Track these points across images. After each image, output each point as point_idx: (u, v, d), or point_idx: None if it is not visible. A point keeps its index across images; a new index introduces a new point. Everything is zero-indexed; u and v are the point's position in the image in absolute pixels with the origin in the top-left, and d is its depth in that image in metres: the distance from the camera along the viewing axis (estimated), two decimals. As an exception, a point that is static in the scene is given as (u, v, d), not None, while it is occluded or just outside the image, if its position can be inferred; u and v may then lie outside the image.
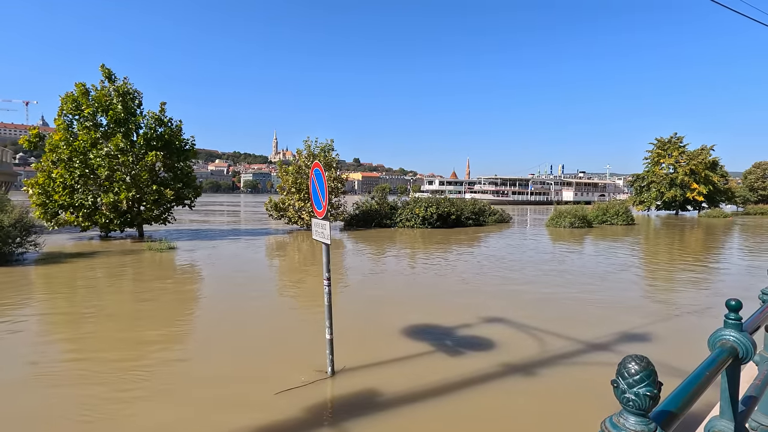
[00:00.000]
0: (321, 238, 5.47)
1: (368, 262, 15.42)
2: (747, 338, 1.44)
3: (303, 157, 26.71)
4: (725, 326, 1.51)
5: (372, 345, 6.81)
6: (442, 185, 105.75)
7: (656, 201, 51.14)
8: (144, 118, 20.53)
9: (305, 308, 9.23)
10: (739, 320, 1.49)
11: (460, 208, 30.26)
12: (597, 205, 35.33)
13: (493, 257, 16.22)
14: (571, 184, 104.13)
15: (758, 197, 61.76)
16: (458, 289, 10.86)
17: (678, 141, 50.90)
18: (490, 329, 7.56)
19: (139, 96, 20.78)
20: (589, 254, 17.67)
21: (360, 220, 28.99)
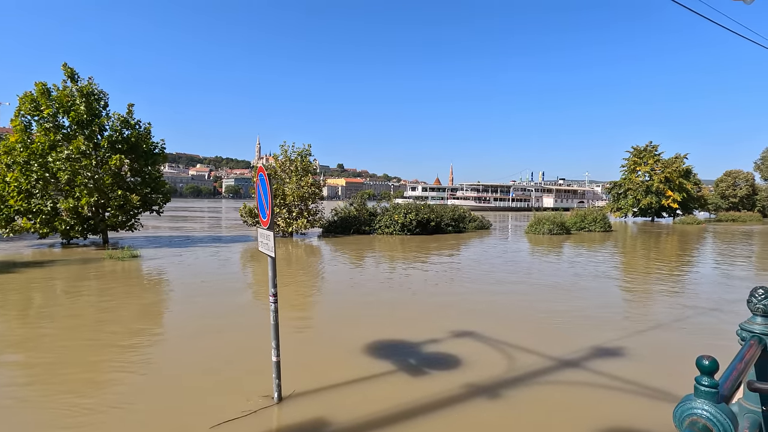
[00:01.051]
0: (266, 250, 4.98)
1: (341, 272, 14.91)
2: (725, 414, 1.03)
3: (279, 162, 26.11)
4: (696, 394, 1.09)
5: (330, 365, 6.31)
6: (425, 191, 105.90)
7: (633, 208, 52.02)
8: (109, 119, 19.63)
9: (267, 325, 8.66)
10: (715, 387, 1.08)
11: (439, 215, 29.98)
12: (575, 212, 35.58)
13: (470, 266, 15.90)
14: (552, 190, 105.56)
15: (729, 204, 63.50)
16: (430, 301, 10.44)
17: (653, 149, 52.00)
18: (458, 344, 7.15)
19: (105, 97, 19.90)
20: (566, 262, 17.53)
21: (338, 226, 28.44)
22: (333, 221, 28.72)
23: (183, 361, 6.44)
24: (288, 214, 25.06)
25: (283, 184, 25.50)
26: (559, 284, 12.58)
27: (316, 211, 27.00)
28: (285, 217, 24.92)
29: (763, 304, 1.69)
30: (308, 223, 25.30)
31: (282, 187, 25.24)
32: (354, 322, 8.59)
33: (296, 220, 24.84)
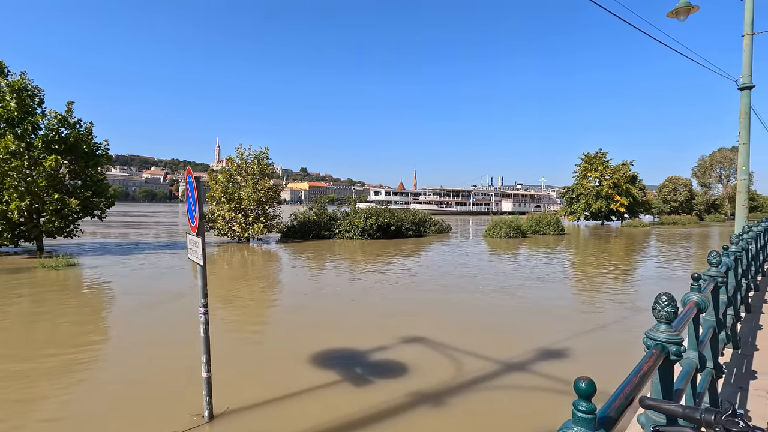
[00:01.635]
0: (194, 257, 4.65)
1: (297, 278, 14.52)
2: None
3: (234, 165, 25.28)
4: (573, 421, 0.98)
5: (271, 377, 6.01)
6: (388, 195, 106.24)
7: (585, 212, 54.49)
8: (45, 117, 18.23)
9: (208, 333, 8.19)
10: (592, 413, 0.96)
11: (400, 219, 30.05)
12: (531, 216, 36.74)
13: (426, 271, 15.94)
14: (510, 195, 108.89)
15: (670, 208, 67.96)
16: (382, 306, 10.31)
17: (602, 156, 54.80)
18: (406, 351, 7.03)
19: (40, 93, 18.48)
20: (518, 265, 17.96)
21: (297, 231, 27.83)
22: (292, 226, 28.09)
23: (112, 378, 5.93)
24: (244, 219, 24.27)
25: (239, 188, 24.70)
26: (509, 287, 12.81)
27: (274, 216, 26.34)
28: (241, 222, 24.12)
29: (666, 311, 1.64)
30: (265, 228, 24.59)
31: (238, 191, 24.44)
32: (305, 330, 8.30)
33: (252, 225, 24.09)
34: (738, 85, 11.85)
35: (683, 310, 2.14)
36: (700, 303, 2.27)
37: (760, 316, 5.46)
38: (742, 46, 11.80)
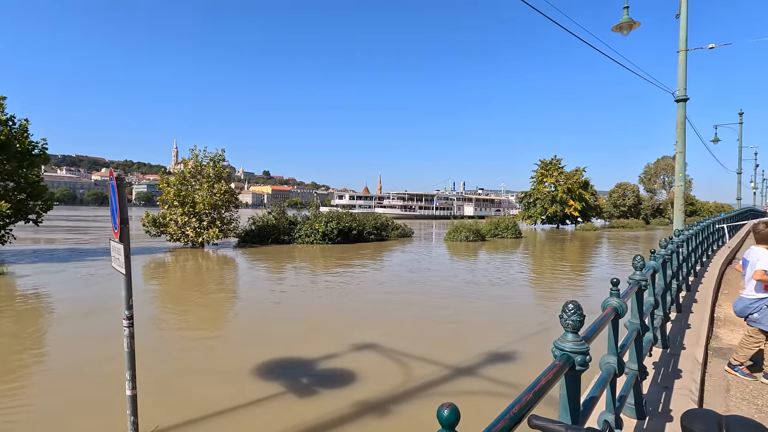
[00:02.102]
0: (117, 266, 4.30)
1: (251, 284, 14.04)
2: None
3: (189, 167, 24.26)
4: None
5: (210, 391, 5.68)
6: (352, 200, 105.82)
7: (541, 216, 56.50)
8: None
9: (151, 352, 7.70)
10: None
11: (362, 223, 29.88)
12: (490, 220, 37.63)
13: (384, 275, 15.88)
14: (472, 199, 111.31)
15: (620, 212, 71.81)
16: (335, 313, 10.11)
17: (557, 162, 57.11)
18: (356, 358, 6.89)
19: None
20: (476, 268, 18.26)
21: (256, 236, 27.03)
22: (250, 230, 27.27)
23: (40, 395, 5.40)
24: (198, 224, 23.29)
25: (193, 192, 23.70)
26: (464, 291, 12.96)
27: (231, 220, 25.47)
28: (195, 227, 23.12)
29: (572, 319, 1.61)
30: (221, 233, 23.71)
31: (192, 194, 23.44)
32: (254, 340, 7.98)
33: (207, 230, 23.16)
34: (675, 98, 12.63)
35: (599, 316, 2.14)
36: (618, 308, 2.28)
37: (689, 316, 5.74)
38: (678, 61, 12.59)
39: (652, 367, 3.92)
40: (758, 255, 4.11)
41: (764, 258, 4.04)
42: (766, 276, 3.97)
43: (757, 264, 4.05)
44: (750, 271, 4.17)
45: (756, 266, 4.05)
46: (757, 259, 4.08)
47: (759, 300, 4.09)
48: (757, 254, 4.13)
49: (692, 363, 4.10)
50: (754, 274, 4.06)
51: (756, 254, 4.15)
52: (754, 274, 4.06)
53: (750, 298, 4.15)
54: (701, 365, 4.27)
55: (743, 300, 4.22)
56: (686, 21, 12.30)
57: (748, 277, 4.22)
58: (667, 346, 4.43)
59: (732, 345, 5.45)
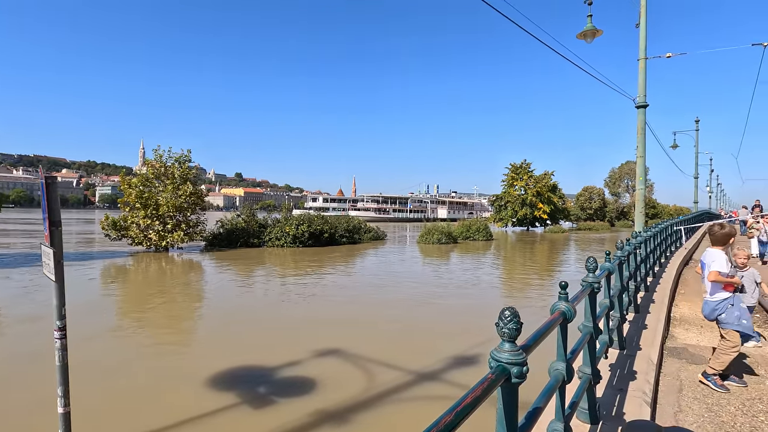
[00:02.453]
0: (48, 272, 3.95)
1: (215, 290, 13.56)
2: None
3: (152, 168, 23.34)
4: None
5: (161, 403, 5.36)
6: (326, 202, 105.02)
7: (512, 218, 57.68)
8: None
9: (99, 363, 7.23)
10: None
11: (333, 226, 29.56)
12: (461, 223, 38.05)
13: (352, 278, 15.70)
14: (445, 202, 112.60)
15: (587, 215, 74.23)
16: (301, 318, 9.85)
17: (527, 166, 58.51)
18: (318, 365, 6.67)
19: None
20: (445, 271, 18.33)
21: (224, 239, 26.26)
22: (218, 234, 26.49)
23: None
24: (162, 227, 22.41)
25: (157, 193, 22.81)
26: (431, 294, 12.93)
27: (198, 223, 24.66)
28: (158, 230, 22.24)
29: (509, 327, 1.49)
30: (186, 236, 22.89)
31: (155, 196, 22.55)
32: (214, 347, 7.64)
33: (171, 233, 22.32)
34: (635, 104, 13.05)
35: (545, 321, 2.05)
36: (566, 312, 2.20)
37: (646, 316, 5.83)
38: (638, 69, 13.03)
39: (608, 369, 3.91)
40: (713, 256, 4.12)
41: (718, 259, 4.05)
42: (719, 277, 4.00)
43: (711, 265, 4.06)
44: (707, 273, 4.21)
45: (711, 267, 4.05)
46: (712, 260, 4.08)
47: (723, 300, 4.06)
48: (712, 256, 4.14)
49: (647, 364, 4.12)
50: (708, 275, 4.07)
51: (711, 256, 4.16)
52: (708, 275, 4.07)
53: (714, 301, 4.13)
54: (656, 366, 4.31)
55: (709, 303, 4.19)
56: (645, 31, 12.73)
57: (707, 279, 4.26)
58: (623, 347, 4.44)
59: (687, 344, 5.57)
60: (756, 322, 7.40)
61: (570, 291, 2.33)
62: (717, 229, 4.26)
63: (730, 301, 4.06)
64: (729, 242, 4.27)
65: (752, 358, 5.08)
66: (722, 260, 4.07)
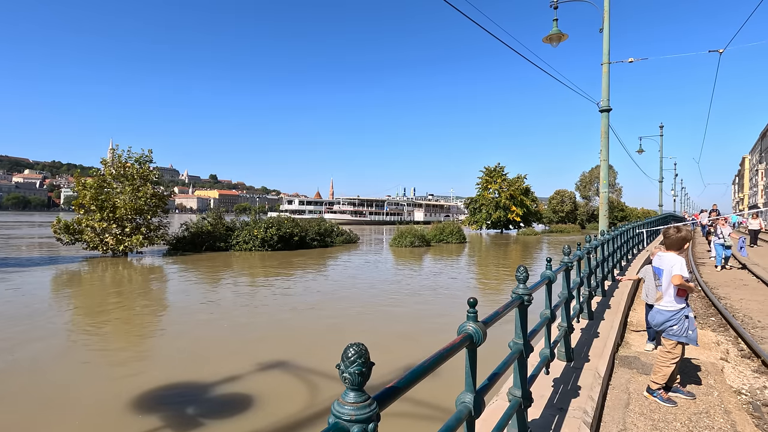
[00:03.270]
0: None
1: (160, 298, 12.85)
2: None
3: (109, 169, 22.23)
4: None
5: (80, 427, 4.78)
6: (302, 204, 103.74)
7: (486, 221, 58.19)
8: None
9: (21, 378, 6.54)
10: None
11: (304, 229, 28.93)
12: (435, 226, 37.98)
13: (317, 284, 15.21)
14: (422, 205, 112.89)
15: (559, 218, 75.65)
16: (248, 327, 9.32)
17: (501, 170, 59.20)
18: (261, 379, 6.21)
19: None
20: (411, 275, 18.04)
21: (188, 243, 25.25)
22: (183, 237, 25.46)
23: None
24: (120, 230, 21.33)
25: (114, 195, 21.70)
26: (393, 300, 12.60)
27: (160, 226, 23.63)
28: (115, 234, 21.14)
29: (351, 372, 1.13)
30: (146, 240, 21.87)
31: (113, 198, 21.45)
32: (153, 362, 7.06)
33: (130, 237, 21.26)
34: (599, 108, 13.11)
35: (445, 346, 1.70)
36: (473, 335, 1.86)
37: (600, 324, 5.64)
38: (602, 73, 13.10)
39: (551, 385, 3.62)
40: (672, 261, 3.82)
41: (678, 263, 3.77)
42: (684, 281, 3.71)
43: (673, 269, 3.75)
44: (666, 280, 3.83)
45: (673, 271, 3.75)
46: (672, 265, 3.79)
47: (679, 311, 3.78)
48: (670, 260, 3.83)
49: (593, 377, 3.86)
50: (672, 279, 3.74)
51: (669, 260, 3.85)
52: (672, 279, 3.74)
53: (669, 311, 3.81)
54: (604, 379, 4.06)
55: (662, 313, 3.86)
56: (608, 36, 12.82)
57: (665, 286, 3.86)
58: (571, 359, 4.18)
59: (639, 352, 5.39)
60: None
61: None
62: (672, 233, 3.98)
63: (685, 312, 3.81)
64: (684, 247, 3.98)
65: (703, 367, 4.94)
66: (683, 264, 3.78)
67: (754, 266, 13.39)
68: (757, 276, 11.66)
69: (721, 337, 6.70)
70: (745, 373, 5.21)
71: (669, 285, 3.80)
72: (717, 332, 7.05)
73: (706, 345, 6.05)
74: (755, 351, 5.79)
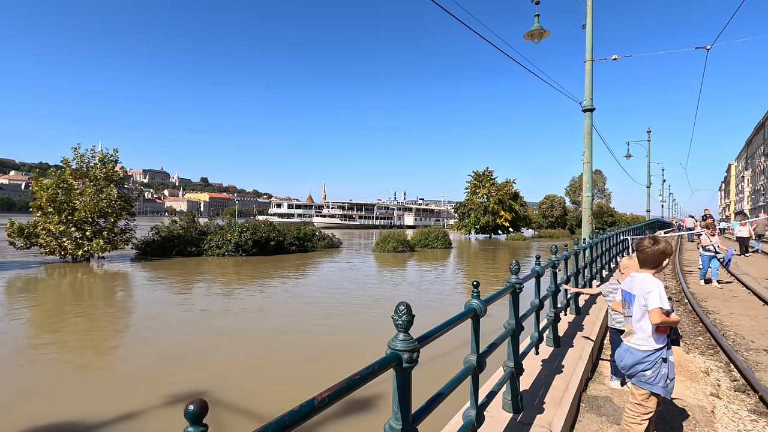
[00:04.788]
0: None
1: (104, 312, 11.70)
2: None
3: (69, 168, 20.98)
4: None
5: None
6: (291, 208, 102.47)
7: (475, 226, 57.43)
8: None
9: None
10: None
11: (282, 234, 27.82)
12: (419, 230, 37.07)
13: (279, 297, 14.15)
14: (412, 209, 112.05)
15: (548, 223, 75.24)
16: (188, 349, 8.24)
17: (489, 174, 58.55)
18: (157, 418, 5.15)
19: None
20: (381, 282, 17.06)
21: (158, 247, 24.02)
22: (152, 241, 24.23)
23: None
24: (81, 234, 20.06)
25: (74, 197, 20.43)
26: (350, 312, 11.61)
27: (126, 230, 22.39)
28: (75, 237, 19.88)
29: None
30: (109, 245, 20.61)
31: (74, 199, 20.18)
32: (50, 393, 5.95)
33: (91, 241, 20.00)
34: (582, 107, 12.28)
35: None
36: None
37: (567, 352, 4.69)
38: (585, 71, 12.28)
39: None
40: (646, 285, 2.76)
41: (655, 289, 2.71)
42: (664, 317, 2.68)
43: (648, 300, 2.71)
44: (638, 309, 2.80)
45: (648, 303, 2.71)
46: (647, 291, 2.73)
47: (655, 352, 2.77)
48: (645, 284, 2.78)
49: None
50: (650, 317, 2.70)
51: (643, 284, 2.79)
52: (649, 316, 2.70)
53: (643, 351, 2.79)
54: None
55: (633, 353, 2.83)
56: (591, 32, 12.03)
57: (637, 317, 2.83)
58: (519, 409, 3.19)
59: (614, 390, 4.43)
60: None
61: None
62: (647, 245, 2.88)
63: (662, 353, 2.79)
64: (663, 264, 2.87)
65: (689, 411, 4.00)
66: (661, 291, 2.73)
67: (744, 276, 12.60)
68: (748, 287, 10.83)
69: (710, 363, 5.79)
70: (740, 413, 4.27)
71: (642, 316, 2.82)
72: (706, 356, 6.13)
73: (693, 375, 5.13)
74: (751, 384, 4.87)
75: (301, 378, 6.56)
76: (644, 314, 2.77)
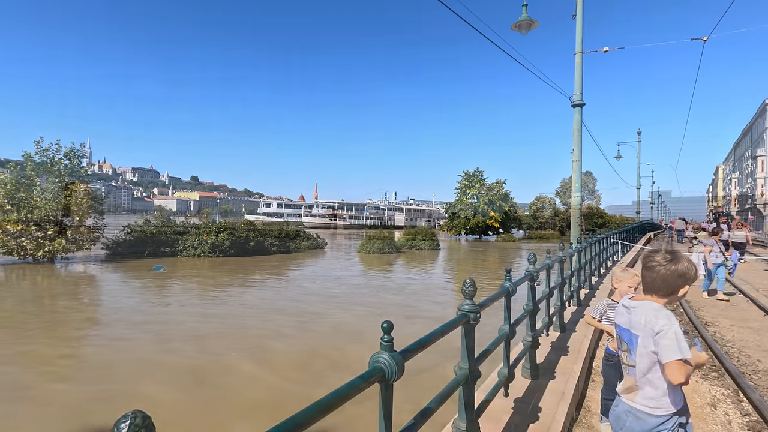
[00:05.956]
0: None
1: (52, 320, 10.64)
2: None
3: (32, 163, 19.74)
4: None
5: None
6: (280, 207, 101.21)
7: (465, 227, 56.71)
8: None
9: None
10: None
11: (262, 234, 26.77)
12: (407, 231, 36.25)
13: (246, 305, 13.18)
14: (403, 210, 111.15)
15: (539, 224, 74.85)
16: (134, 369, 7.25)
17: (480, 174, 57.90)
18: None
19: None
20: (356, 288, 16.16)
21: (129, 247, 22.83)
22: (123, 240, 23.03)
23: None
24: (43, 233, 18.83)
25: (38, 194, 19.20)
26: (334, 322, 10.70)
27: (94, 229, 21.19)
28: (36, 237, 18.65)
29: None
30: (72, 245, 19.41)
31: (36, 198, 18.95)
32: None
33: (53, 241, 18.80)
34: (571, 102, 11.49)
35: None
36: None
37: (548, 384, 3.81)
38: (575, 63, 11.47)
39: None
40: (655, 322, 1.86)
41: (670, 329, 1.83)
42: (688, 367, 1.81)
43: (660, 344, 1.82)
44: (645, 358, 1.91)
45: (661, 352, 1.82)
46: (657, 332, 1.84)
47: (671, 417, 1.89)
48: (652, 321, 1.87)
49: None
50: (666, 372, 1.82)
51: (649, 321, 1.89)
52: (666, 372, 1.82)
53: (654, 416, 1.90)
54: None
55: (641, 418, 1.93)
56: (582, 24, 11.24)
57: (643, 368, 1.93)
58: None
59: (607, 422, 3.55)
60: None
61: None
62: (660, 261, 1.92)
63: (681, 419, 1.90)
64: (679, 293, 1.93)
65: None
66: (678, 331, 1.82)
67: (743, 284, 11.88)
68: (747, 296, 10.08)
69: (716, 391, 4.95)
70: (760, 464, 3.44)
71: (651, 367, 1.90)
72: (710, 381, 5.30)
73: (699, 410, 4.27)
74: (766, 419, 4.04)
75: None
76: (653, 365, 1.86)
